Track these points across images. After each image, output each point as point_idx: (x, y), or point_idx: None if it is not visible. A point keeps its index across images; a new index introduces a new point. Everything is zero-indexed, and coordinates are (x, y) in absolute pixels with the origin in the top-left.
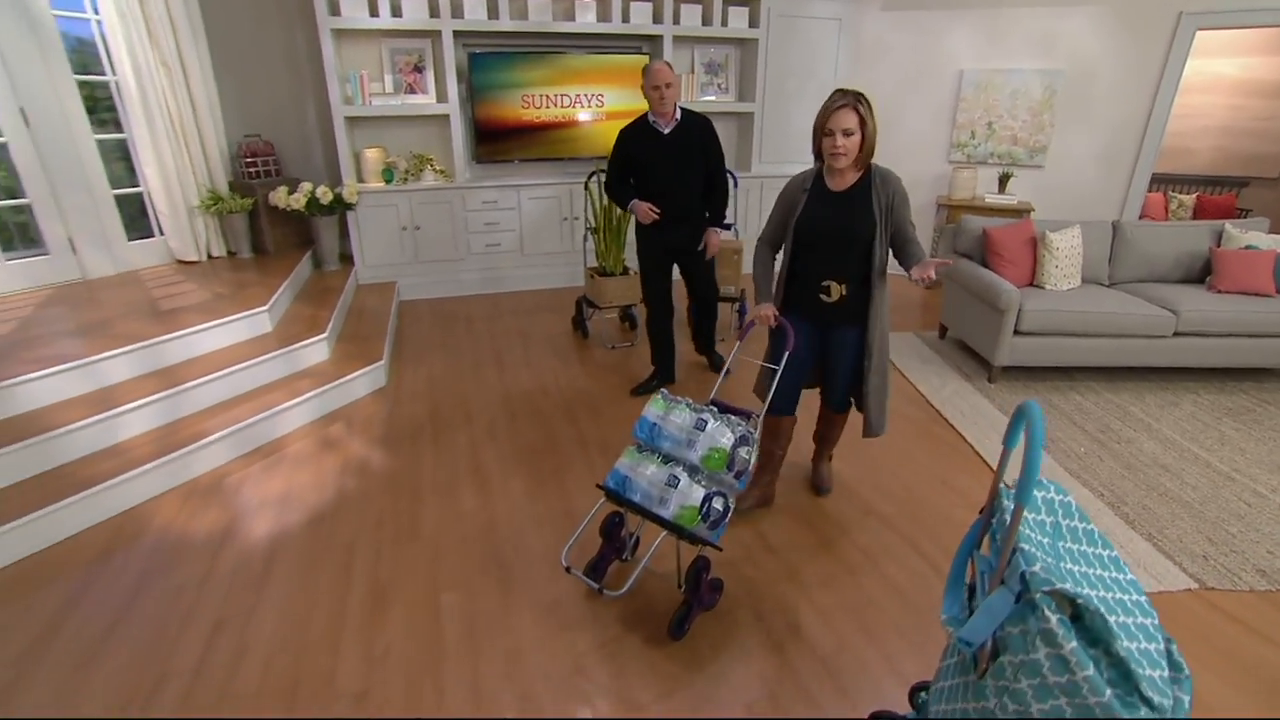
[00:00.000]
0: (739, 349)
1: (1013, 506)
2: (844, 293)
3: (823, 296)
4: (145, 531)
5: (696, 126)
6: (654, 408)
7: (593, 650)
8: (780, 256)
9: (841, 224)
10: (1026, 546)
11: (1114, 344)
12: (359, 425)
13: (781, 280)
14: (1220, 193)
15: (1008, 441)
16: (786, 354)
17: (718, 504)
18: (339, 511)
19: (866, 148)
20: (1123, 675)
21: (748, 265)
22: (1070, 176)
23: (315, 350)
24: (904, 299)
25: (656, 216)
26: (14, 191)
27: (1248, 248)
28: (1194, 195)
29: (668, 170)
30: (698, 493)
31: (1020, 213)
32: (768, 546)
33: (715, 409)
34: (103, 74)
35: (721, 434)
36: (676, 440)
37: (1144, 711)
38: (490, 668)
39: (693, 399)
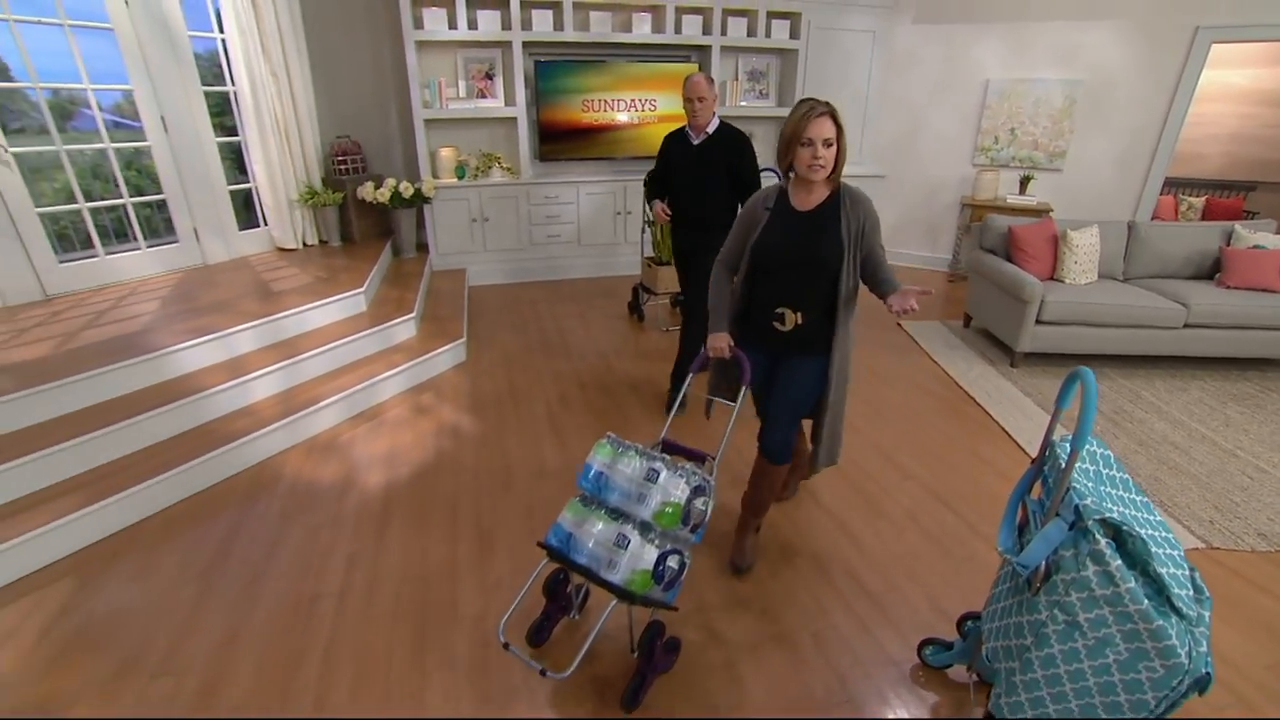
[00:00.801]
0: (691, 380)
1: (1067, 454)
2: (799, 321)
3: (776, 325)
4: (280, 479)
5: (727, 141)
6: (600, 455)
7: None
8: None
9: (805, 249)
10: (1077, 485)
11: (1128, 334)
12: (447, 394)
13: (736, 306)
14: (1228, 196)
15: (1060, 402)
16: (744, 389)
17: (673, 562)
18: (439, 467)
19: (840, 161)
20: (1156, 591)
21: None
22: (1087, 179)
23: (405, 328)
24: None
25: (666, 218)
26: (144, 189)
27: (1256, 247)
28: (1203, 198)
29: (689, 178)
30: (650, 554)
31: (1039, 213)
32: (819, 504)
33: (666, 455)
34: (223, 85)
35: (675, 486)
36: (625, 493)
37: (1174, 620)
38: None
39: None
